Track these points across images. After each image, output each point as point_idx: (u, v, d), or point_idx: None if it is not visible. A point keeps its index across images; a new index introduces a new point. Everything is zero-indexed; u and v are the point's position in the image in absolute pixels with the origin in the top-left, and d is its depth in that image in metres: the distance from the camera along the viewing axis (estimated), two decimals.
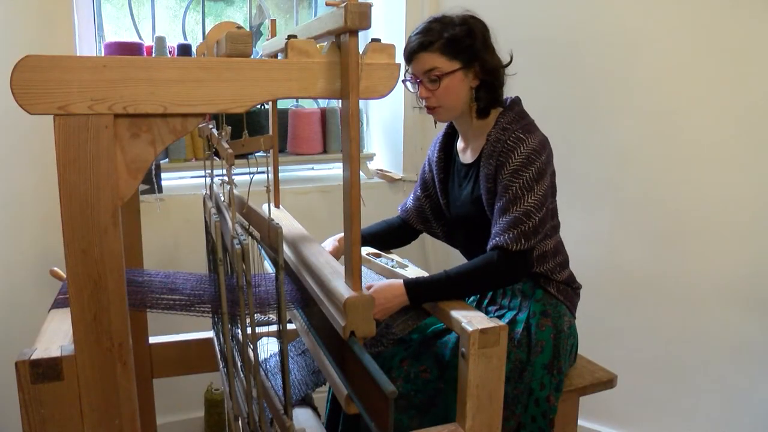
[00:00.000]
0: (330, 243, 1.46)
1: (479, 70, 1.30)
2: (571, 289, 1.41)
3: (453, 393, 1.18)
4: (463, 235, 1.47)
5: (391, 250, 1.53)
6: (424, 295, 1.21)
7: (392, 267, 1.33)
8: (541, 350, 1.30)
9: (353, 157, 0.85)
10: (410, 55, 1.31)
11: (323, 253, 1.09)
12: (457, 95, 1.30)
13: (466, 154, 1.42)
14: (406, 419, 1.26)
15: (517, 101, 1.37)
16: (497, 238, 1.23)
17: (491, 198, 1.29)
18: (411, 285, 1.21)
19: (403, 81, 1.36)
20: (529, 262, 1.27)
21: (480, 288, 1.30)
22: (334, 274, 0.95)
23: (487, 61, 1.30)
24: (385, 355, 1.31)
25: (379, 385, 0.74)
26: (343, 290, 0.88)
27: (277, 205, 1.51)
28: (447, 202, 1.47)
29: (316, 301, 0.97)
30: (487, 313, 1.38)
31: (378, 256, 1.41)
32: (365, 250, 1.43)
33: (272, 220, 0.92)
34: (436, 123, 1.42)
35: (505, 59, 1.34)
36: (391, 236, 1.59)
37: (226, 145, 0.95)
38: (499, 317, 1.34)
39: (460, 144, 1.45)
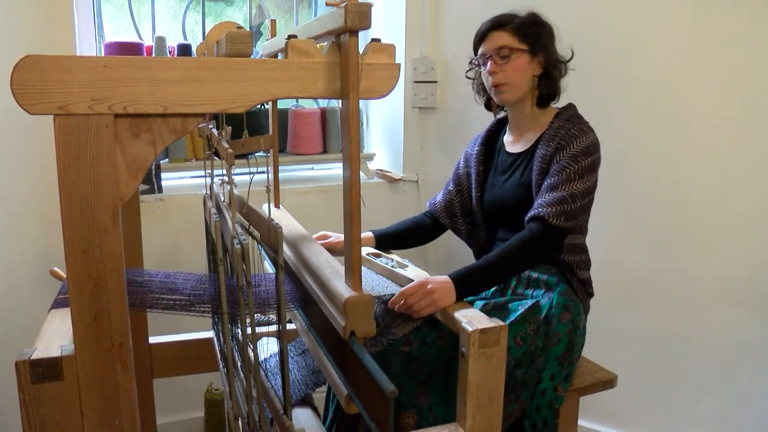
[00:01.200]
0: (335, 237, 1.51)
1: (543, 59, 1.40)
2: (587, 293, 1.45)
3: None
4: (485, 230, 1.53)
5: (391, 251, 1.54)
6: (471, 286, 1.21)
7: (392, 267, 1.33)
8: (557, 342, 1.32)
9: (353, 157, 0.85)
10: (484, 34, 1.42)
11: (323, 253, 1.09)
12: (522, 75, 1.39)
13: (516, 144, 1.48)
14: (413, 384, 1.25)
15: (572, 106, 1.45)
16: (539, 209, 1.27)
17: (542, 179, 1.34)
18: (458, 279, 1.19)
19: (471, 62, 1.48)
20: (562, 245, 1.33)
21: (519, 265, 1.29)
22: (335, 274, 0.95)
23: (551, 52, 1.41)
24: None
25: (379, 385, 0.74)
26: (344, 290, 0.88)
27: (277, 205, 1.51)
28: (481, 194, 1.52)
29: (316, 301, 0.97)
30: (507, 301, 1.38)
31: (378, 256, 1.41)
32: (365, 250, 1.44)
33: (272, 220, 0.92)
34: (495, 114, 1.55)
35: (565, 54, 1.45)
36: (413, 233, 1.63)
37: (226, 145, 0.95)
38: (519, 300, 1.35)
39: (508, 137, 1.52)
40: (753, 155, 1.76)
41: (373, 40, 0.86)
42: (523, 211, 1.34)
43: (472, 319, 1.09)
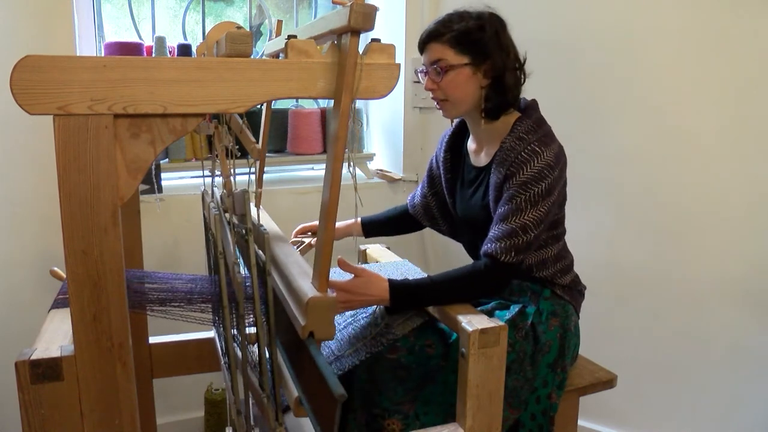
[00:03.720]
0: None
1: (489, 68, 1.26)
2: (576, 290, 1.41)
3: (453, 374, 1.18)
4: (468, 234, 1.47)
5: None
6: (408, 299, 1.19)
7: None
8: (548, 350, 1.29)
9: (337, 157, 0.84)
10: (421, 46, 1.30)
11: (294, 254, 1.08)
12: (463, 91, 1.27)
13: (479, 157, 1.39)
14: (401, 390, 1.25)
15: (534, 106, 1.33)
16: (490, 245, 1.22)
17: (497, 207, 1.27)
18: (396, 287, 1.18)
19: (415, 71, 1.37)
20: (516, 273, 1.26)
21: (464, 295, 1.24)
22: (302, 275, 0.94)
23: (496, 60, 1.25)
24: None
25: (329, 387, 0.73)
26: (308, 290, 0.87)
27: (257, 206, 1.51)
28: (454, 201, 1.46)
29: (281, 300, 0.96)
30: (493, 308, 1.37)
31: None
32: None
33: (261, 226, 0.91)
34: (452, 121, 1.43)
35: (528, 60, 1.31)
36: (399, 223, 1.62)
37: (252, 138, 0.93)
38: (507, 307, 1.33)
39: (471, 144, 1.42)
40: (752, 155, 1.76)
41: (373, 40, 0.86)
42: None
43: (472, 319, 1.10)
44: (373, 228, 1.61)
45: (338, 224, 1.55)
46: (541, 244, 1.30)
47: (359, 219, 1.58)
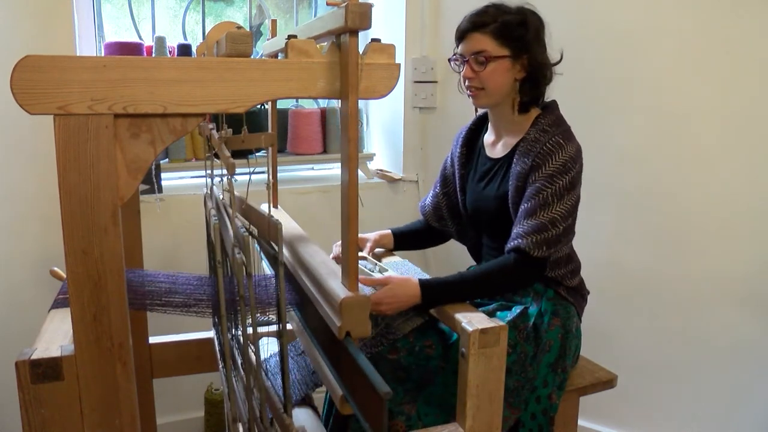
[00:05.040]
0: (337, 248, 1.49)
1: (527, 62, 1.30)
2: (580, 295, 1.41)
3: (453, 375, 1.18)
4: (475, 233, 1.48)
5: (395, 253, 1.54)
6: (439, 296, 1.20)
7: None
8: (549, 349, 1.29)
9: (351, 157, 0.84)
10: (462, 35, 1.32)
11: (319, 253, 1.09)
12: (500, 82, 1.30)
13: (495, 149, 1.41)
14: (401, 391, 1.25)
15: (554, 105, 1.36)
16: (519, 240, 1.22)
17: (518, 196, 1.28)
18: (426, 286, 1.19)
19: (449, 59, 1.38)
20: (544, 268, 1.28)
21: (494, 290, 1.29)
22: (331, 275, 0.95)
23: (536, 55, 1.29)
24: None
25: (373, 385, 0.74)
26: (339, 291, 0.87)
27: (275, 205, 1.51)
28: (465, 197, 1.47)
29: (312, 301, 0.97)
30: (495, 309, 1.37)
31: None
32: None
33: (272, 217, 0.92)
34: (477, 109, 1.45)
35: (555, 58, 1.34)
36: (425, 235, 1.60)
37: (227, 153, 0.94)
38: (509, 308, 1.33)
39: (489, 137, 1.44)
40: (753, 155, 1.76)
41: (373, 40, 0.86)
42: (502, 221, 1.31)
43: (472, 319, 1.10)
44: (404, 239, 1.58)
45: (368, 235, 1.54)
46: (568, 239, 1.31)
47: (389, 231, 1.57)
